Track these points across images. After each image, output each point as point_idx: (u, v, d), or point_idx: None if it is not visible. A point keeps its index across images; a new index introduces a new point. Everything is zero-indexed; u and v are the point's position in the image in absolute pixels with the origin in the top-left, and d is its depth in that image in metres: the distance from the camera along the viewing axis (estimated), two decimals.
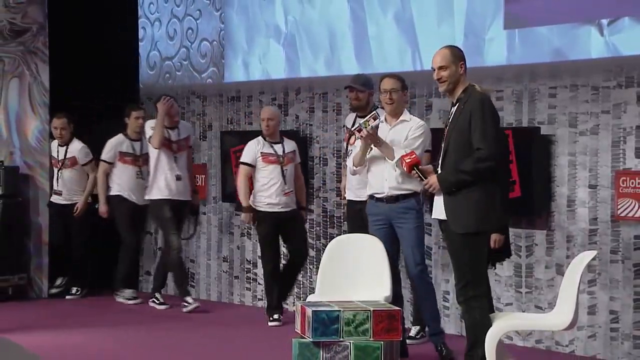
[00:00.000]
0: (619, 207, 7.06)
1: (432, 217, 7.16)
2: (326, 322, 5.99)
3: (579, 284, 5.72)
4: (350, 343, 6.00)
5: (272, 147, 8.54)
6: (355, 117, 8.05)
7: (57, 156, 9.87)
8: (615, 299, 7.13)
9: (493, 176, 5.89)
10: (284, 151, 8.55)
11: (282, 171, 8.50)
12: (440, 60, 6.07)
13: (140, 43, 10.77)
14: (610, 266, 7.15)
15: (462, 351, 6.23)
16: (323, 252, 7.17)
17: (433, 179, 6.04)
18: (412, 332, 7.65)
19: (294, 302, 8.42)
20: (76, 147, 9.86)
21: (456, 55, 6.08)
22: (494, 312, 6.30)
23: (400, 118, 7.13)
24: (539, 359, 7.24)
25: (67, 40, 10.24)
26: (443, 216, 6.06)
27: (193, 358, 7.26)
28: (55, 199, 9.88)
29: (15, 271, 9.70)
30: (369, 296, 6.50)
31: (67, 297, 9.87)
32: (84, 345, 7.67)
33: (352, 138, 7.95)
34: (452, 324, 8.06)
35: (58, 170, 9.85)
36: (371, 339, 6.01)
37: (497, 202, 5.93)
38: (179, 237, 9.15)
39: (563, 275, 6.08)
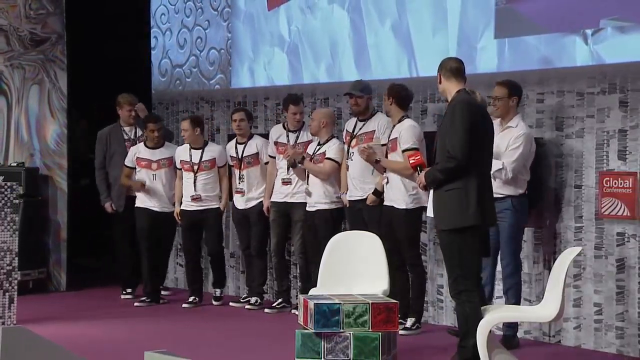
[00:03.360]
0: (602, 206, 7.06)
1: (427, 215, 7.19)
2: (327, 314, 5.98)
3: (565, 278, 5.71)
4: (350, 334, 6.00)
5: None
6: (356, 121, 8.06)
7: (191, 160, 9.00)
8: (599, 292, 7.12)
9: (460, 176, 5.91)
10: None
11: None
12: None
13: (152, 51, 10.78)
14: (595, 261, 7.15)
15: (455, 342, 6.24)
16: None
17: (421, 176, 6.17)
18: (408, 324, 7.62)
19: (297, 296, 8.41)
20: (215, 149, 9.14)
21: (440, 65, 6.22)
22: (486, 304, 6.30)
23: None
24: (528, 349, 7.23)
25: (84, 48, 10.26)
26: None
27: (201, 349, 7.26)
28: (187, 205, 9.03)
29: (35, 266, 9.70)
30: (368, 289, 6.50)
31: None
32: (100, 336, 7.68)
33: (354, 141, 7.97)
34: (446, 316, 8.06)
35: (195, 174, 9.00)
36: (370, 330, 6.01)
37: (473, 200, 5.91)
38: (277, 242, 8.70)
39: (550, 270, 6.08)
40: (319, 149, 8.34)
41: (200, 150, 8.98)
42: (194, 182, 8.95)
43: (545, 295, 5.92)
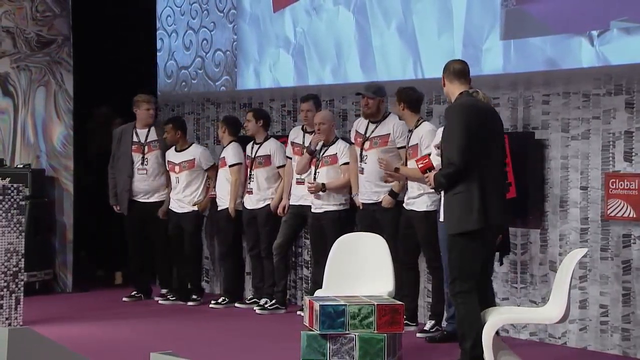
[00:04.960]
0: (608, 207, 7.04)
1: (438, 218, 7.17)
2: (333, 316, 5.98)
3: (571, 279, 5.70)
4: (355, 335, 5.99)
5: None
6: (368, 123, 8.01)
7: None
8: (605, 294, 7.10)
9: (461, 180, 5.87)
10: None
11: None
12: None
13: (158, 53, 10.77)
14: (600, 263, 7.13)
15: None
16: None
17: (430, 176, 6.13)
18: (427, 326, 7.58)
19: (302, 297, 8.40)
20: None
21: (444, 68, 6.21)
22: (494, 306, 6.28)
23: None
24: (533, 350, 7.21)
25: (90, 50, 10.26)
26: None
27: (206, 349, 7.25)
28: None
29: (41, 267, 9.68)
30: (373, 291, 6.49)
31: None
32: (106, 337, 7.67)
33: (367, 144, 7.93)
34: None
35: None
36: (375, 331, 6.00)
37: (476, 204, 5.87)
38: (282, 242, 8.61)
39: (556, 272, 6.06)
40: (325, 150, 8.32)
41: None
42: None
43: (551, 297, 5.90)
